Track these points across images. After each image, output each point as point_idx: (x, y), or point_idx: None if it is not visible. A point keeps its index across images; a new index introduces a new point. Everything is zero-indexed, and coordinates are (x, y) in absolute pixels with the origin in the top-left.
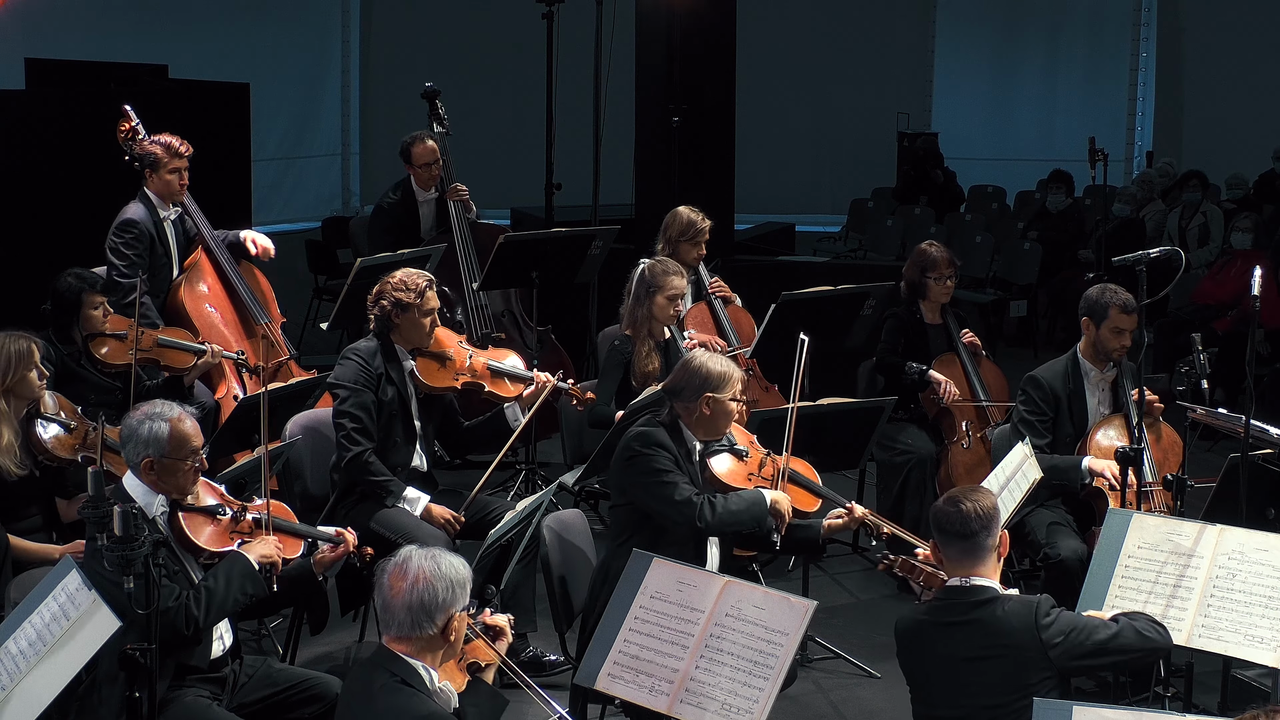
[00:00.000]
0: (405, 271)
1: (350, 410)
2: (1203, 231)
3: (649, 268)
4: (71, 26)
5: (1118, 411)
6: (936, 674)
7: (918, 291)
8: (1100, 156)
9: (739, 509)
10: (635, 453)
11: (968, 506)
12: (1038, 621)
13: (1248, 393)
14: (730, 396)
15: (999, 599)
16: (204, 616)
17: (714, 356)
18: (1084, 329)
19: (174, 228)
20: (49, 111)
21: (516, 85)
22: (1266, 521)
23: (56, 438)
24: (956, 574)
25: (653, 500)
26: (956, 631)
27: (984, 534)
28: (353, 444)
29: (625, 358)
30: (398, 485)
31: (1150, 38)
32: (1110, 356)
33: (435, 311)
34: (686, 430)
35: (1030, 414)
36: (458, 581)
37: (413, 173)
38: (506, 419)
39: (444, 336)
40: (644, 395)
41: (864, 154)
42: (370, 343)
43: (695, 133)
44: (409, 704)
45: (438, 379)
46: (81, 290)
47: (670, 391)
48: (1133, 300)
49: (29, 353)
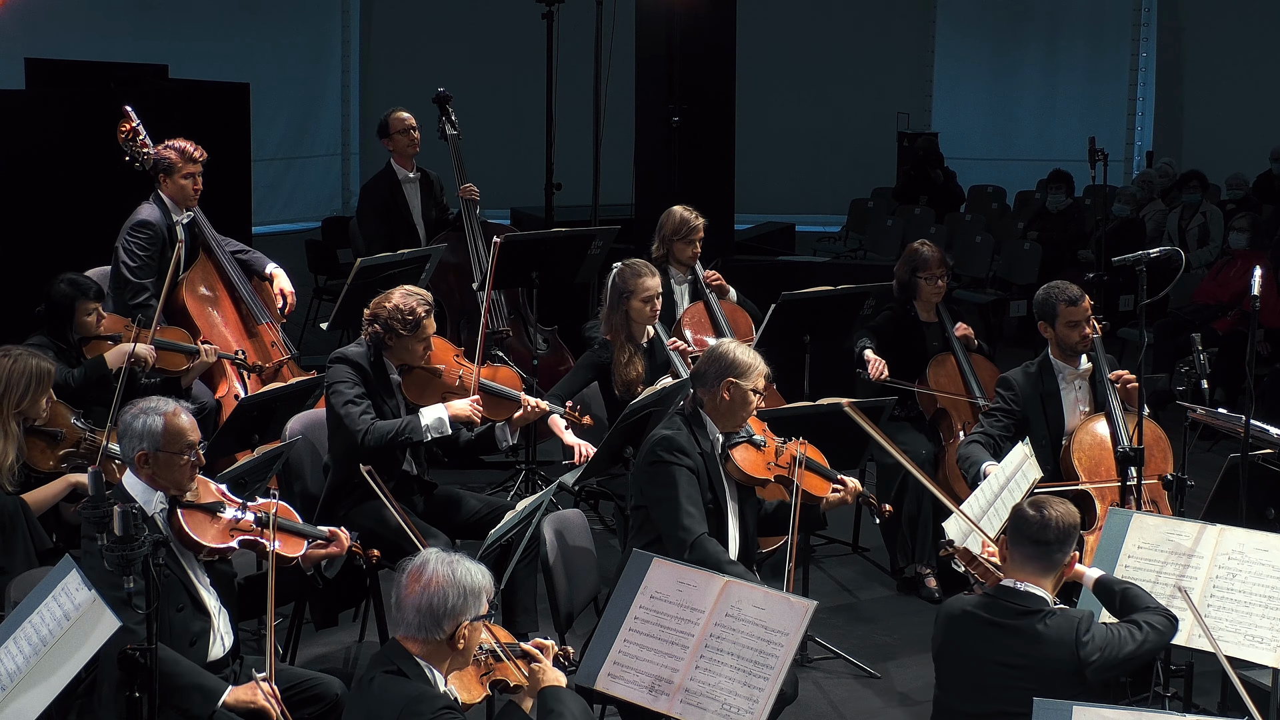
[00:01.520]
0: (403, 296)
1: (350, 398)
2: (1202, 231)
3: (619, 273)
4: (71, 26)
5: (1100, 410)
6: (965, 668)
7: (909, 291)
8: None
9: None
10: (658, 458)
11: (1051, 514)
12: (1079, 639)
13: (1248, 393)
14: (752, 386)
15: (1045, 612)
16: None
17: (740, 345)
18: (1044, 333)
19: (184, 232)
20: (49, 111)
21: (516, 85)
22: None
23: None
24: (1014, 576)
25: (659, 513)
26: (996, 633)
27: (1055, 546)
28: (359, 425)
29: (602, 361)
30: (413, 422)
31: (1150, 38)
32: (1077, 350)
33: (430, 337)
34: (708, 420)
35: (995, 408)
36: (471, 590)
37: (392, 145)
38: (496, 439)
39: (440, 352)
40: (646, 394)
41: (864, 154)
42: (359, 348)
43: (695, 133)
44: (402, 687)
45: (425, 399)
46: (75, 298)
47: (695, 376)
48: (1077, 291)
49: (48, 375)
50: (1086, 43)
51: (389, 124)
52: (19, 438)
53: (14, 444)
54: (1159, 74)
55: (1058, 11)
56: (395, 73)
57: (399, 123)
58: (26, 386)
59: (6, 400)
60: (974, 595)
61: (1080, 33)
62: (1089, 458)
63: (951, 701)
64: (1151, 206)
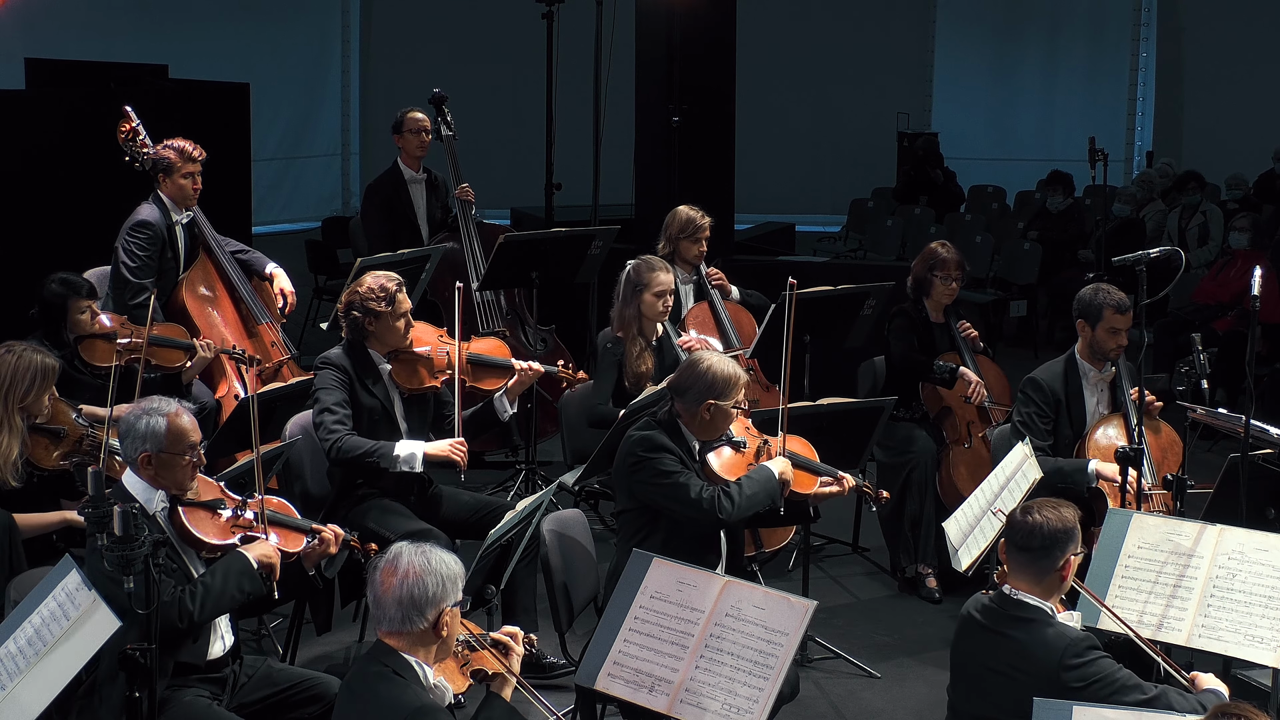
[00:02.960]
0: (374, 276)
1: (327, 406)
2: (1202, 231)
3: (634, 267)
4: (71, 26)
5: (1116, 411)
6: (967, 671)
7: (922, 288)
8: (1100, 156)
9: (755, 491)
10: (640, 458)
11: (1036, 520)
12: (1063, 661)
13: (1248, 393)
14: (733, 403)
15: (1039, 623)
16: (199, 612)
17: (722, 359)
18: (1079, 331)
19: (184, 232)
20: (49, 111)
21: (516, 85)
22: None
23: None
24: (1011, 583)
25: (670, 501)
26: (991, 639)
27: (1043, 553)
28: (330, 435)
29: (618, 358)
30: (385, 449)
31: (1150, 38)
32: (1108, 356)
33: (408, 313)
34: (685, 430)
35: (1032, 416)
36: (448, 577)
37: (402, 143)
38: (496, 411)
39: (423, 333)
40: (645, 395)
41: (864, 154)
42: (339, 351)
43: (695, 133)
44: (401, 694)
45: (416, 381)
46: (67, 297)
47: (674, 389)
48: (1127, 299)
49: (52, 371)
50: (1086, 43)
51: (403, 122)
52: (23, 433)
53: (18, 439)
54: (1159, 74)
55: (1058, 12)
56: (395, 73)
57: (413, 122)
58: (31, 381)
59: (11, 395)
60: (985, 596)
61: (1080, 33)
62: (1105, 455)
63: (955, 700)
64: (1151, 206)
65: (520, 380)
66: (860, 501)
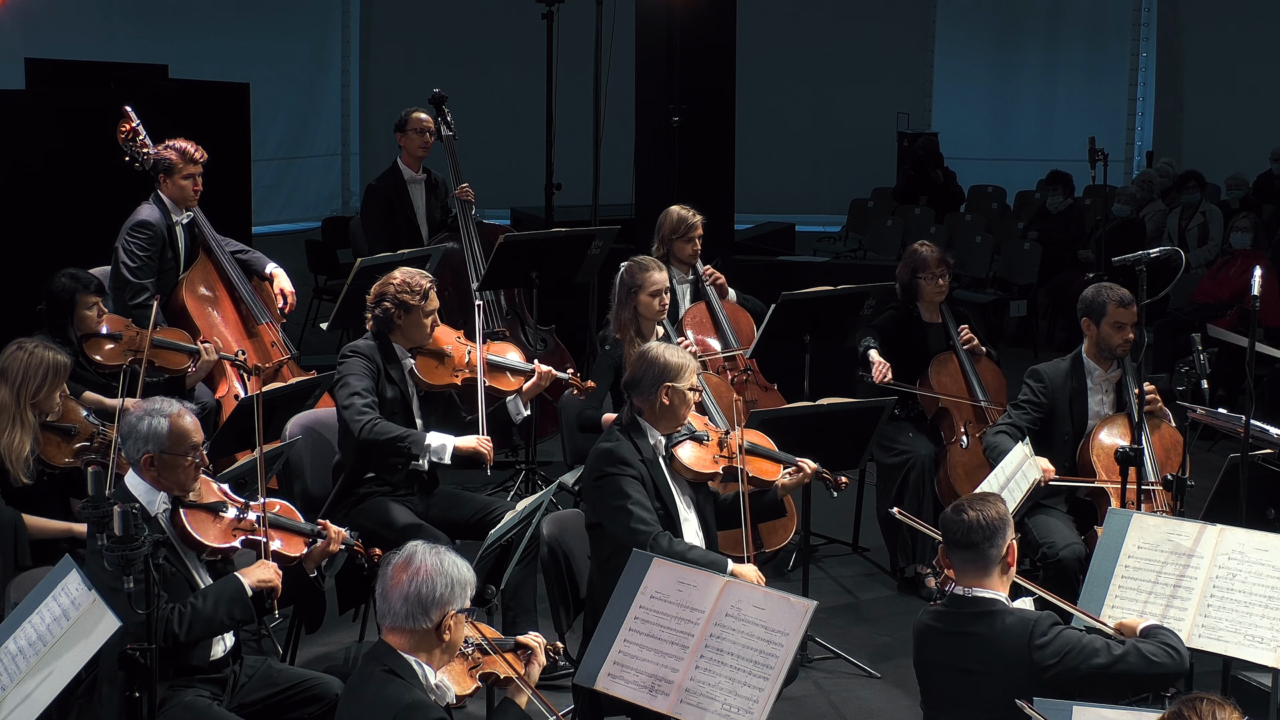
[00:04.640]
0: (406, 272)
1: (356, 390)
2: (1202, 231)
3: (627, 270)
4: (71, 26)
5: (1121, 411)
6: (937, 679)
7: (911, 292)
8: (1100, 156)
9: (696, 559)
10: (603, 473)
11: (971, 516)
12: (1031, 641)
13: (1248, 393)
14: (688, 385)
15: (999, 613)
16: (184, 634)
17: (669, 347)
18: (1085, 330)
19: (184, 233)
20: (49, 111)
21: (516, 85)
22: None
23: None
24: (962, 583)
25: (611, 524)
26: (955, 641)
27: (986, 545)
28: (361, 416)
29: (615, 361)
30: (417, 435)
31: (1150, 38)
32: (1114, 353)
33: (436, 311)
34: (648, 426)
35: (1023, 399)
36: (459, 581)
37: (404, 143)
38: (509, 412)
39: (442, 334)
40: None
41: (864, 154)
42: (369, 341)
43: (695, 133)
44: (396, 693)
45: (437, 376)
46: (75, 291)
47: (629, 385)
48: (1129, 294)
49: (64, 368)
50: (1086, 43)
51: (407, 121)
52: (35, 430)
53: (30, 435)
54: (1159, 74)
55: (1058, 12)
56: (395, 73)
57: (417, 122)
58: (43, 378)
59: (23, 391)
60: (933, 607)
61: (1080, 33)
62: (1107, 455)
63: (931, 714)
64: (1151, 206)
65: (536, 383)
66: (859, 501)
